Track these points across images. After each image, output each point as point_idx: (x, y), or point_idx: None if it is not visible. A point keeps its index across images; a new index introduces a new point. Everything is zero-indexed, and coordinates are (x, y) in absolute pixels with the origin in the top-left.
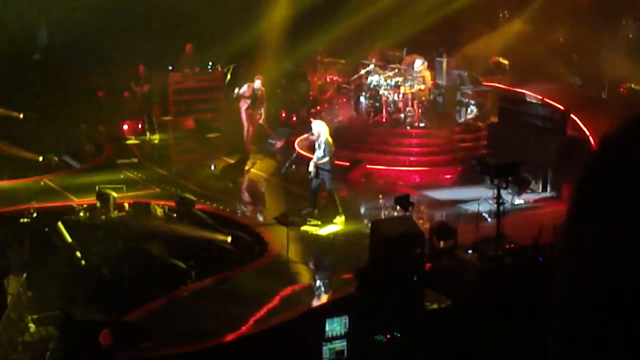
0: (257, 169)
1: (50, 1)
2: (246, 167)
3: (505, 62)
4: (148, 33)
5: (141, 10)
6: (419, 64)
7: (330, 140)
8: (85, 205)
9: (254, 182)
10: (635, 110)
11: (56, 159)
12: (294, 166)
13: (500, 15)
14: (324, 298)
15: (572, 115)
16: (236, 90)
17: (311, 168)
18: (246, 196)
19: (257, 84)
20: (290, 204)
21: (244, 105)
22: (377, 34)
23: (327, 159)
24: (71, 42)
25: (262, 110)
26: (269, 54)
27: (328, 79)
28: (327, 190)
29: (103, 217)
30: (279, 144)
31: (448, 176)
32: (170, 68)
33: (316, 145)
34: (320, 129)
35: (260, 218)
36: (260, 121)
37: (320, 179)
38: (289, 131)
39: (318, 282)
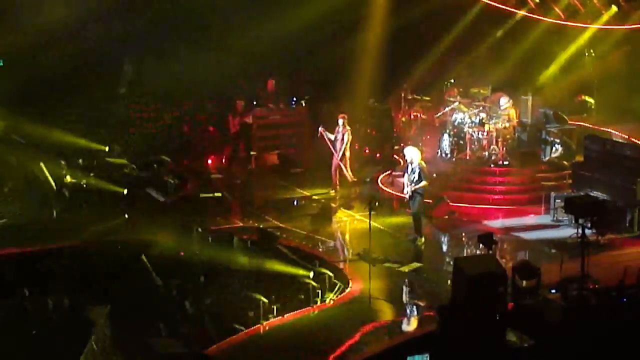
0: (340, 205)
1: (135, 37)
2: (333, 206)
3: (591, 100)
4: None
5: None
6: (505, 101)
7: (424, 164)
8: (168, 238)
9: (337, 218)
10: None
11: (140, 192)
12: (377, 203)
13: (586, 54)
14: (406, 335)
15: None
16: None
17: (406, 190)
18: (329, 232)
19: (340, 122)
20: (373, 240)
21: (337, 146)
22: (463, 70)
23: (424, 182)
24: (156, 76)
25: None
26: (354, 90)
27: (412, 116)
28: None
29: (185, 250)
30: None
31: (532, 215)
32: (255, 103)
33: (409, 170)
34: (412, 155)
35: (343, 254)
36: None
37: (415, 202)
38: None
39: (399, 319)
